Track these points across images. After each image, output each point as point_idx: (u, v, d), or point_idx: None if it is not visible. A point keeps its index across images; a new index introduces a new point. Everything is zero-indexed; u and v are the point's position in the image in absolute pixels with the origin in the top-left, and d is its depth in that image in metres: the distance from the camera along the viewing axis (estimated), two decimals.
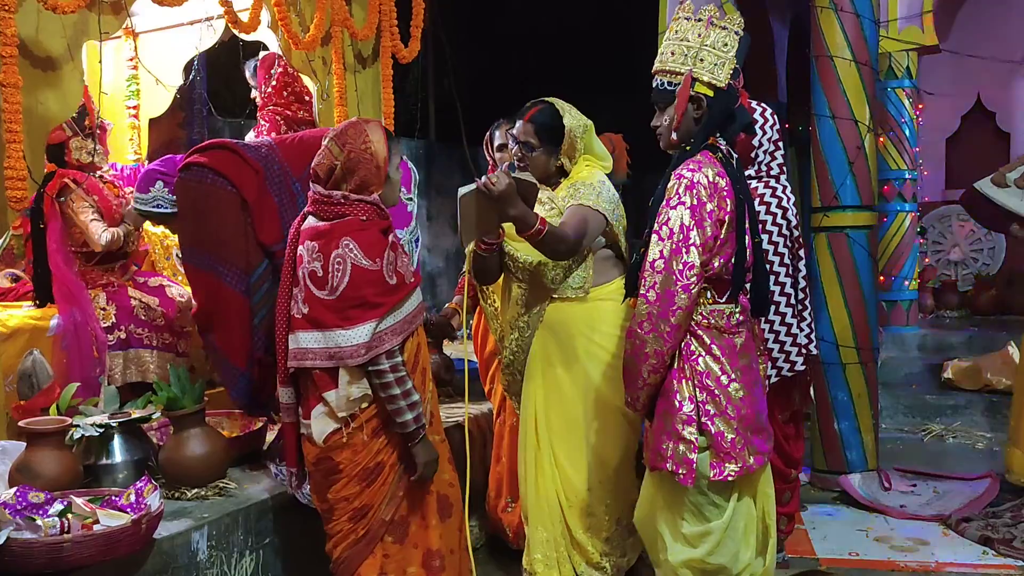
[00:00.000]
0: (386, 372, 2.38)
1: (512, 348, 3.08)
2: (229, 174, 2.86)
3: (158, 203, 3.05)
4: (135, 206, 3.13)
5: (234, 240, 2.85)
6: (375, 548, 2.48)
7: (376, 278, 2.37)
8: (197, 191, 2.88)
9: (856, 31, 4.39)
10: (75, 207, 3.49)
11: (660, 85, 2.51)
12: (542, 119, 2.93)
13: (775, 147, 3.29)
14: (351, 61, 4.52)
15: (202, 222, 2.88)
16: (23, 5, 2.98)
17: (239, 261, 2.84)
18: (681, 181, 2.39)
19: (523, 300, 2.99)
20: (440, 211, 9.70)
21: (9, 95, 2.89)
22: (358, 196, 2.42)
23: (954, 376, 6.04)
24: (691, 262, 2.34)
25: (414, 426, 2.41)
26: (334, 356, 2.37)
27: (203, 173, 2.88)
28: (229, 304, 2.85)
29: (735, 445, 2.39)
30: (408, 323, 2.46)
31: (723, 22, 2.44)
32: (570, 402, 2.95)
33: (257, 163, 2.91)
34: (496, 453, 3.61)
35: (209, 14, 4.16)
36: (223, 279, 2.85)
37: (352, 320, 2.35)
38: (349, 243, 2.36)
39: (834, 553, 3.66)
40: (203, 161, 2.89)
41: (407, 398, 2.40)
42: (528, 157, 2.94)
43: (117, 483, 2.71)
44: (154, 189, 3.05)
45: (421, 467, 2.45)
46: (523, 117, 2.96)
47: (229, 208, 2.86)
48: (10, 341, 3.06)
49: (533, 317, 2.99)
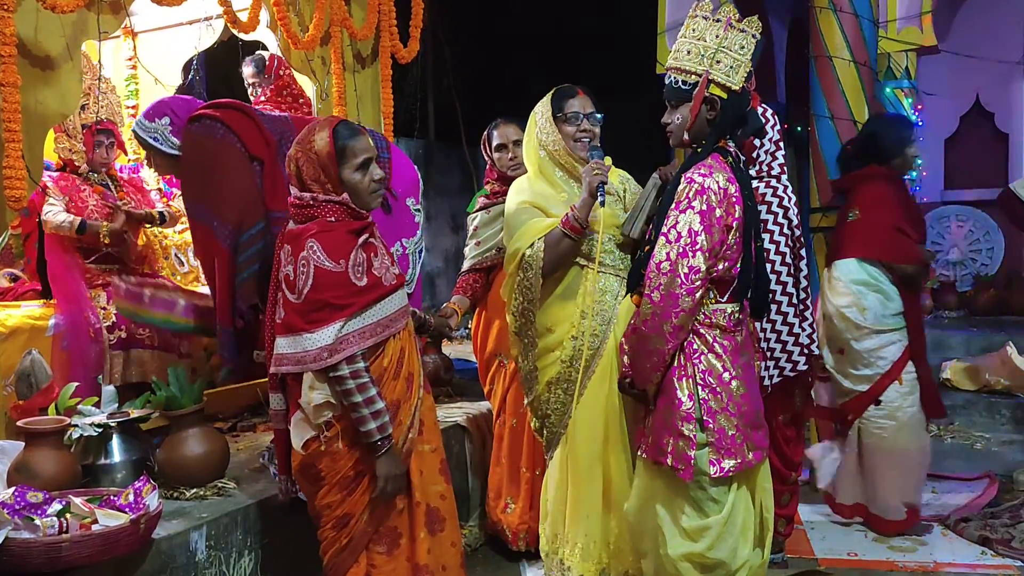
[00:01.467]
0: (346, 378, 2.31)
1: (580, 340, 2.86)
2: (240, 132, 2.87)
3: (155, 137, 3.01)
4: (134, 128, 3.09)
5: (232, 197, 2.85)
6: (360, 558, 2.43)
7: (339, 280, 2.31)
8: (204, 143, 2.89)
9: (855, 31, 4.40)
10: (49, 198, 3.54)
11: (674, 83, 2.50)
12: (590, 92, 2.95)
13: (776, 147, 3.29)
14: (350, 61, 4.51)
15: (204, 174, 2.89)
16: (22, 4, 2.98)
17: (232, 217, 2.85)
18: (692, 185, 2.40)
19: (608, 288, 2.88)
20: (439, 211, 9.69)
21: (8, 94, 2.89)
22: (326, 197, 2.37)
23: (953, 376, 6.04)
24: (697, 267, 2.36)
25: (378, 436, 2.33)
26: (300, 361, 2.32)
27: (213, 127, 2.90)
28: (217, 259, 2.87)
29: (735, 441, 2.43)
30: (384, 326, 2.40)
31: (742, 24, 2.44)
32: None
33: (272, 135, 2.92)
34: (496, 454, 3.60)
35: (208, 14, 4.16)
36: (215, 233, 2.86)
37: (316, 323, 2.30)
38: (313, 245, 2.32)
39: (833, 553, 3.66)
40: (216, 115, 2.90)
41: (370, 406, 2.32)
42: (595, 131, 2.92)
43: (116, 483, 2.71)
44: (159, 122, 3.01)
45: (381, 480, 2.36)
46: (576, 93, 2.95)
47: (234, 164, 2.87)
48: (9, 341, 3.06)
49: (615, 304, 2.86)
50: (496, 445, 3.61)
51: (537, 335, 2.95)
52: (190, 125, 2.93)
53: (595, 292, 2.86)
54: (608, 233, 2.87)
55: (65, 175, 3.65)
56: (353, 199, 2.40)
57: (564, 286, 2.90)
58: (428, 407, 2.59)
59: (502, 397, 3.55)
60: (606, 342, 2.87)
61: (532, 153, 3.01)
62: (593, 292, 2.86)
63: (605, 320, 2.87)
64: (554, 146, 2.94)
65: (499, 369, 3.57)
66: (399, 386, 2.44)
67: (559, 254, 2.83)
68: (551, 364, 2.93)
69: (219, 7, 3.72)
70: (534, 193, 2.95)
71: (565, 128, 2.91)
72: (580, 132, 2.91)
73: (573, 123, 2.91)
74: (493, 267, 3.53)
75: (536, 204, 2.92)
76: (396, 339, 2.46)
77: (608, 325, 2.87)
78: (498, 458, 3.58)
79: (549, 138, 2.94)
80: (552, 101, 2.97)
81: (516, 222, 2.92)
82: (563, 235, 2.80)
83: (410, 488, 2.49)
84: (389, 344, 2.43)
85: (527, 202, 2.93)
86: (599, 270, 2.84)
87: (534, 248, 2.83)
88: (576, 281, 2.89)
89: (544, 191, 2.95)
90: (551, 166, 2.97)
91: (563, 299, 2.90)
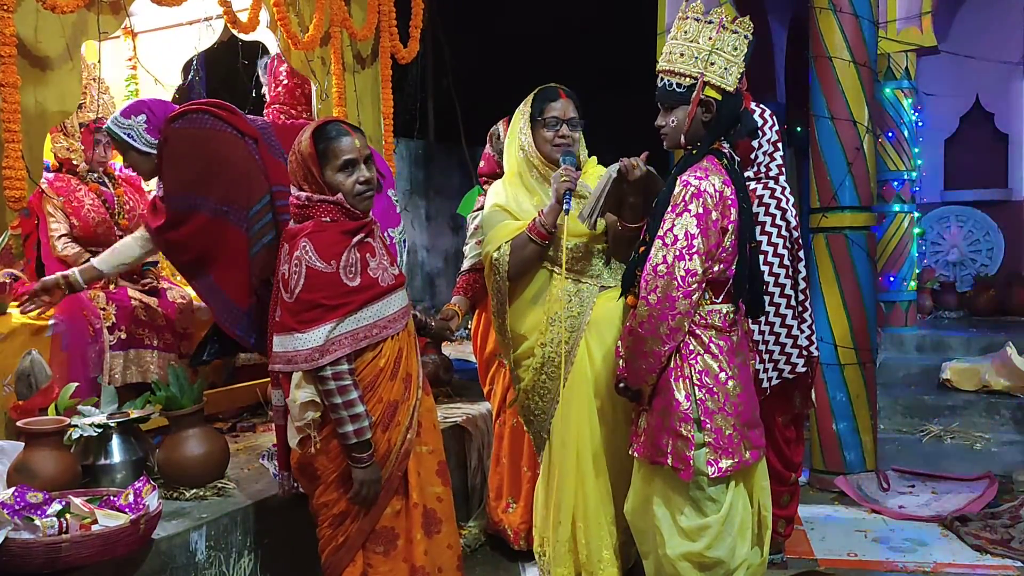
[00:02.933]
0: (328, 379, 2.31)
1: (550, 347, 2.85)
2: (227, 118, 2.92)
3: (129, 133, 2.99)
4: (109, 123, 3.07)
5: (238, 176, 2.87)
6: (357, 557, 2.44)
7: (330, 280, 2.31)
8: (196, 135, 2.90)
9: (855, 32, 4.39)
10: (47, 207, 3.53)
11: (667, 86, 2.50)
12: (574, 95, 2.90)
13: (774, 148, 3.29)
14: (350, 61, 4.51)
15: (202, 165, 2.89)
16: (22, 4, 2.98)
17: (242, 197, 2.87)
18: (688, 188, 2.41)
19: (577, 294, 2.86)
20: (439, 211, 9.70)
21: (8, 95, 2.89)
22: (321, 197, 2.38)
23: (952, 377, 6.04)
24: (694, 269, 2.38)
25: (354, 439, 2.33)
26: (291, 360, 2.33)
27: (200, 118, 2.92)
28: (231, 241, 2.88)
29: (732, 440, 2.45)
30: (382, 328, 2.40)
31: (734, 26, 2.44)
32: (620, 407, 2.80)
33: (255, 130, 2.96)
34: (496, 454, 3.60)
35: (208, 14, 4.16)
36: (229, 219, 2.88)
37: (307, 324, 2.30)
38: (306, 244, 2.32)
39: (833, 554, 3.66)
40: (200, 108, 2.93)
41: (349, 409, 2.32)
42: (574, 136, 2.88)
43: (115, 483, 2.71)
44: (135, 119, 2.99)
45: (356, 484, 2.36)
46: (559, 96, 2.89)
47: (231, 145, 2.89)
48: (8, 341, 3.06)
49: (585, 311, 2.84)
50: (496, 445, 3.61)
51: (513, 342, 2.95)
52: (173, 123, 2.93)
53: (563, 298, 2.83)
54: (577, 240, 2.83)
55: (61, 176, 3.65)
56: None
57: (534, 291, 2.88)
58: (427, 408, 2.59)
59: (502, 397, 3.55)
60: (576, 348, 2.84)
61: (512, 154, 2.98)
62: (561, 298, 2.83)
63: (574, 327, 2.84)
64: (530, 149, 2.91)
65: (499, 369, 3.57)
66: (396, 387, 2.44)
67: (524, 258, 2.81)
68: (525, 371, 2.93)
69: (219, 7, 3.72)
70: (507, 197, 2.93)
71: (543, 132, 2.87)
72: (558, 138, 2.87)
73: (551, 128, 2.87)
74: None
75: (507, 208, 2.90)
76: (394, 340, 2.45)
77: (578, 332, 2.84)
78: (498, 458, 3.58)
79: (526, 140, 2.91)
80: (533, 103, 2.93)
81: (487, 225, 2.92)
82: (528, 240, 2.79)
83: (407, 489, 2.49)
84: (387, 344, 2.43)
85: (498, 205, 2.92)
86: (564, 275, 2.82)
87: (500, 251, 2.83)
88: (545, 287, 2.87)
89: (518, 195, 2.92)
90: (527, 169, 2.93)
91: (533, 304, 2.89)
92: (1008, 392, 5.79)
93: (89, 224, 3.57)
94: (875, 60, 4.59)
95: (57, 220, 3.54)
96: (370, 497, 2.39)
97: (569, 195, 2.69)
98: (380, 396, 2.41)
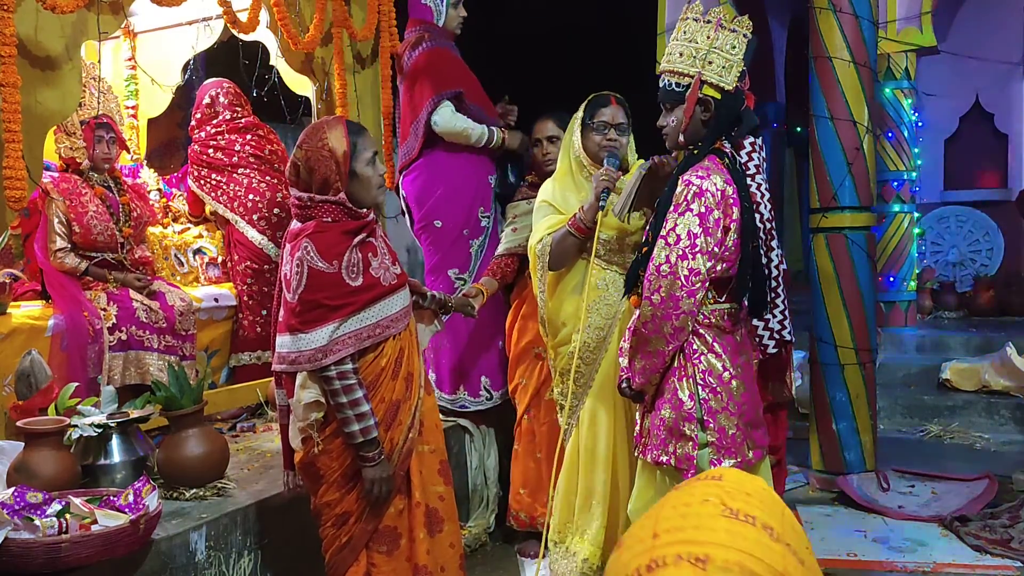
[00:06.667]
0: (333, 379, 2.32)
1: (586, 333, 3.02)
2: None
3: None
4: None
5: None
6: (360, 557, 2.44)
7: (331, 280, 2.32)
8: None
9: (855, 32, 4.39)
10: (50, 211, 3.52)
11: (668, 85, 2.51)
12: (624, 102, 3.12)
13: (752, 148, 3.33)
14: (350, 61, 4.51)
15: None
16: (22, 5, 2.97)
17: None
18: (690, 188, 2.41)
19: (612, 284, 3.04)
20: None
21: (8, 95, 2.88)
22: (322, 197, 2.38)
23: (952, 377, 6.04)
24: (697, 269, 2.38)
25: (361, 438, 2.34)
26: (295, 361, 2.34)
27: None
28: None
29: (735, 440, 2.45)
30: (384, 327, 2.41)
31: (732, 24, 2.45)
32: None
33: None
34: (529, 450, 3.58)
35: (208, 14, 4.16)
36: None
37: (310, 324, 2.31)
38: (308, 245, 2.33)
39: (832, 554, 3.66)
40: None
41: (354, 408, 2.33)
42: (622, 140, 3.09)
43: (115, 483, 2.71)
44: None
45: (368, 483, 2.38)
46: (609, 103, 3.10)
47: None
48: (8, 341, 3.06)
49: (619, 300, 3.01)
50: (527, 440, 3.59)
51: (554, 329, 3.17)
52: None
53: (597, 287, 3.02)
54: (613, 233, 3.02)
55: (66, 176, 3.64)
56: (361, 193, 2.42)
57: (575, 282, 3.10)
58: (429, 407, 2.59)
59: (535, 391, 3.56)
60: (610, 336, 3.03)
61: (565, 154, 3.21)
62: (595, 287, 3.02)
63: (608, 315, 3.04)
64: (580, 151, 3.13)
65: (534, 362, 3.58)
66: (398, 386, 2.44)
67: (562, 250, 3.05)
68: (562, 356, 3.13)
69: (219, 8, 3.72)
70: (555, 193, 3.16)
71: (593, 136, 3.10)
72: (606, 141, 3.08)
73: (600, 132, 3.09)
74: (526, 256, 3.55)
75: (553, 203, 3.14)
76: (396, 339, 2.46)
77: (613, 320, 3.03)
78: (531, 453, 3.57)
79: (577, 142, 3.14)
80: (586, 108, 3.15)
81: (534, 219, 3.21)
82: (568, 233, 3.01)
83: (410, 488, 2.49)
84: (388, 344, 2.43)
85: (546, 201, 3.17)
86: (596, 263, 2.99)
87: (542, 243, 3.09)
88: (583, 277, 3.06)
89: (566, 191, 3.15)
90: (578, 168, 3.15)
91: (573, 294, 3.10)
92: (1008, 392, 5.78)
93: (90, 232, 3.56)
94: (875, 60, 4.59)
95: (58, 232, 3.51)
96: (383, 495, 2.40)
97: (607, 193, 2.88)
98: (382, 396, 2.41)
